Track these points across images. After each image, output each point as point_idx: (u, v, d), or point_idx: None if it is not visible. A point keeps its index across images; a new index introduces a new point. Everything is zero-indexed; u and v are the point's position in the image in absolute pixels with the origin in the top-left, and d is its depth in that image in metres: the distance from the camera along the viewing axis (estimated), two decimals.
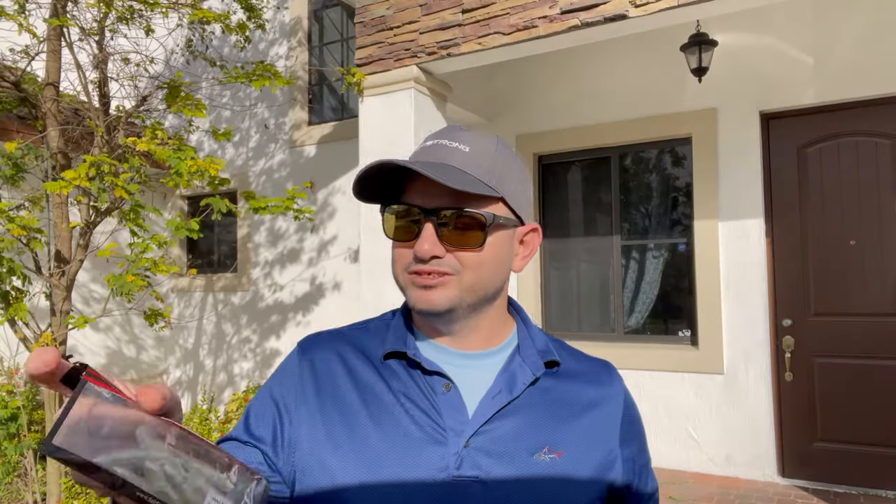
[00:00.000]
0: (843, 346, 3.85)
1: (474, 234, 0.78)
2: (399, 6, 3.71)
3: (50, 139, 3.69)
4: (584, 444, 0.82)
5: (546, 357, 0.85)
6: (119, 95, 4.51)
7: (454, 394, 0.80)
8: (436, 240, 0.77)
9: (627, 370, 4.40)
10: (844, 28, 3.83)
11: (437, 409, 0.79)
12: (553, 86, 4.78)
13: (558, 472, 0.79)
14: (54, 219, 3.70)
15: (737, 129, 4.13)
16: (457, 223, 0.78)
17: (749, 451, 4.03)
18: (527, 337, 0.88)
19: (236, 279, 6.12)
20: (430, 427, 0.78)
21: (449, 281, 0.78)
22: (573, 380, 0.87)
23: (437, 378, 0.81)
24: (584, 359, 0.92)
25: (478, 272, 0.79)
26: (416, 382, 0.81)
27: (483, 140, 0.82)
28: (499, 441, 0.78)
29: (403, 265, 0.81)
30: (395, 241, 0.82)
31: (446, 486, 0.75)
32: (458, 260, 0.78)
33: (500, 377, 0.82)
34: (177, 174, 3.36)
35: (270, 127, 5.95)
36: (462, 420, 0.78)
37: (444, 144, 0.80)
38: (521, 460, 0.78)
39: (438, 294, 0.78)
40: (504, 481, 0.76)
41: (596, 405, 0.86)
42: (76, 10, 4.00)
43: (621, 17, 3.04)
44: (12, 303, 3.29)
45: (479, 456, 0.76)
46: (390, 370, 0.82)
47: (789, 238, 4.03)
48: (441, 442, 0.77)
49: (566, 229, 4.87)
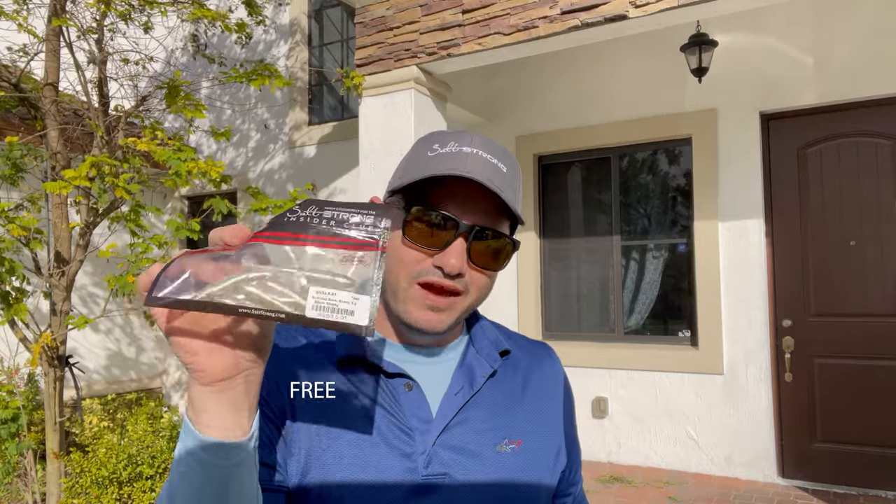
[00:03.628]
0: (843, 347, 3.85)
1: (503, 256, 0.78)
2: (399, 6, 3.71)
3: (49, 139, 3.69)
4: (539, 429, 0.84)
5: (499, 347, 0.86)
6: (118, 95, 4.51)
7: (416, 393, 0.78)
8: (465, 256, 0.75)
9: (627, 370, 4.40)
10: (844, 28, 3.83)
11: (402, 409, 0.77)
12: (553, 86, 4.78)
13: (520, 461, 0.80)
14: (54, 219, 3.69)
15: (737, 130, 4.13)
16: (489, 244, 0.77)
17: (749, 451, 4.03)
18: (479, 328, 0.88)
19: None
20: (395, 423, 0.76)
21: (456, 302, 0.77)
22: (521, 367, 0.88)
23: (398, 379, 0.79)
24: (526, 343, 0.93)
25: (481, 293, 0.79)
26: (377, 384, 0.78)
27: (510, 159, 0.80)
28: (464, 437, 0.78)
29: (413, 272, 0.76)
30: (410, 242, 0.76)
31: (417, 486, 0.74)
32: (471, 279, 0.77)
33: (458, 372, 0.82)
34: (176, 175, 3.35)
35: (270, 127, 5.95)
36: (426, 419, 0.77)
37: (485, 158, 0.76)
38: (486, 454, 0.78)
39: (444, 317, 0.76)
40: (473, 477, 0.76)
41: (543, 388, 0.89)
42: (75, 9, 4.00)
43: (621, 17, 3.04)
44: (12, 303, 3.29)
45: (447, 453, 0.76)
46: (349, 373, 0.79)
47: (789, 238, 4.03)
48: (407, 442, 0.76)
49: (566, 230, 4.87)
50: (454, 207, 0.75)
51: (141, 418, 3.97)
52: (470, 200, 0.75)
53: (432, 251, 0.75)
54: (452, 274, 0.74)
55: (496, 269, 0.79)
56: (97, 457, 3.44)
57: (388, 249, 0.79)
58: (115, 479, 3.36)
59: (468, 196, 0.75)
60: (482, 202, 0.75)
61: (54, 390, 3.54)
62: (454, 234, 0.75)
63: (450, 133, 0.81)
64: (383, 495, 0.73)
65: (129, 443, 3.59)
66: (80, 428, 4.44)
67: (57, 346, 3.54)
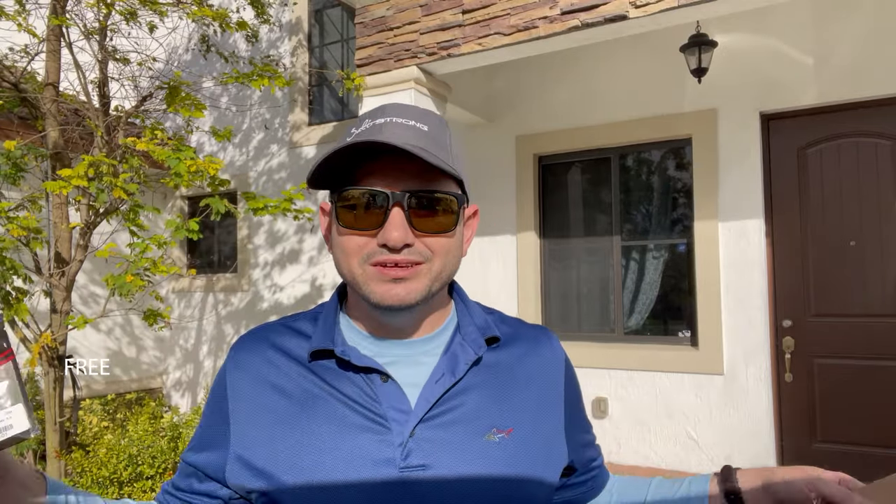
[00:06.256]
0: (844, 347, 3.85)
1: (447, 217, 0.73)
2: (399, 7, 3.71)
3: (49, 139, 3.69)
4: (533, 417, 0.79)
5: (487, 333, 0.81)
6: (119, 96, 4.51)
7: (392, 385, 0.75)
8: (406, 226, 0.71)
9: (627, 370, 4.40)
10: (844, 29, 3.83)
11: (376, 399, 0.74)
12: (553, 86, 4.78)
13: (510, 450, 0.75)
14: (54, 219, 3.70)
15: (737, 130, 4.12)
16: (428, 207, 0.72)
17: (749, 451, 4.03)
18: (466, 315, 0.84)
19: (236, 280, 6.11)
20: (369, 416, 0.74)
21: (420, 271, 0.73)
22: (514, 352, 0.84)
23: (373, 373, 0.76)
24: (523, 327, 0.89)
25: (446, 259, 0.75)
26: (349, 378, 0.76)
27: (433, 117, 0.77)
28: (445, 427, 0.74)
29: (361, 256, 0.73)
30: (347, 229, 0.74)
31: (394, 479, 0.70)
32: (428, 247, 0.73)
33: (441, 361, 0.78)
34: (176, 174, 3.35)
35: (271, 128, 5.95)
36: (404, 409, 0.74)
37: (401, 123, 0.73)
38: (470, 444, 0.74)
39: (411, 287, 0.72)
40: (455, 468, 0.72)
41: (539, 374, 0.84)
42: (76, 9, 4.00)
43: (621, 17, 3.04)
44: (12, 303, 3.29)
45: (426, 445, 0.72)
46: (320, 368, 0.77)
47: (789, 238, 4.03)
48: (381, 432, 0.73)
49: (566, 230, 4.87)
50: (378, 180, 0.72)
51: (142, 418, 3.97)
52: (394, 169, 0.72)
53: (373, 230, 0.72)
54: (398, 247, 0.71)
55: (446, 231, 0.74)
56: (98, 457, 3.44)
57: (331, 243, 0.79)
58: (115, 479, 3.36)
59: (392, 165, 0.72)
60: (408, 167, 0.71)
61: (54, 390, 3.54)
62: (387, 206, 0.71)
63: (368, 112, 0.79)
64: (361, 489, 0.70)
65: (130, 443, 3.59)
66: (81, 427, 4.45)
67: (57, 346, 3.55)
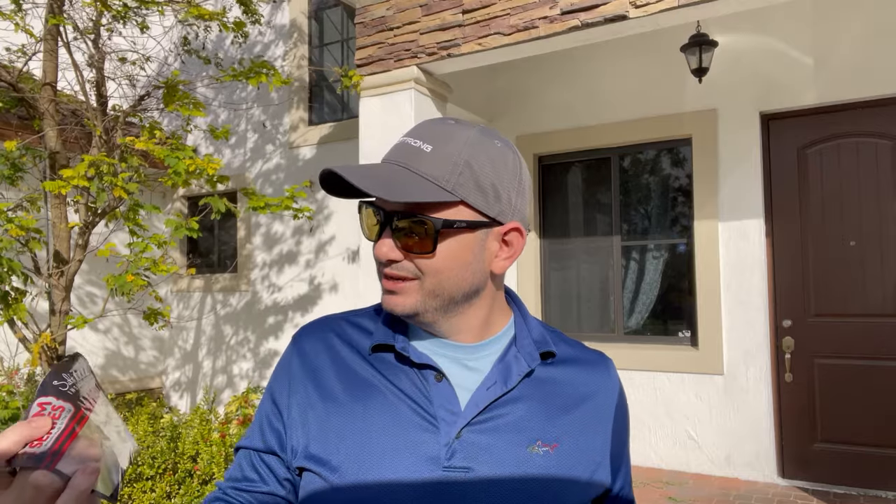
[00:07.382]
0: (843, 347, 3.85)
1: (425, 240, 0.75)
2: (399, 7, 3.70)
3: (48, 139, 3.68)
4: (579, 437, 0.81)
5: (542, 348, 0.83)
6: (116, 95, 4.50)
7: (445, 385, 0.78)
8: (392, 244, 0.76)
9: (627, 371, 4.40)
10: (844, 29, 3.83)
11: (428, 397, 0.77)
12: (553, 86, 4.77)
13: (552, 465, 0.77)
14: (53, 219, 3.69)
15: (737, 130, 4.12)
16: (409, 229, 0.75)
17: (749, 451, 4.03)
18: (523, 327, 0.86)
19: (235, 280, 6.10)
20: (420, 413, 0.76)
21: (409, 287, 0.76)
22: (569, 371, 0.85)
23: (428, 371, 0.79)
24: (582, 349, 0.91)
25: (437, 278, 0.76)
26: (406, 374, 0.79)
27: (455, 138, 0.76)
28: (491, 433, 0.76)
29: (376, 266, 0.81)
30: (367, 238, 0.81)
31: (437, 477, 0.73)
32: (417, 265, 0.76)
33: (494, 369, 0.81)
34: (175, 174, 3.35)
35: (268, 126, 5.94)
36: (454, 411, 0.77)
37: (409, 143, 0.77)
38: (514, 453, 0.76)
39: (399, 300, 0.77)
40: (496, 473, 0.74)
41: (591, 397, 0.85)
42: (72, 9, 3.99)
43: (621, 17, 3.04)
44: (11, 304, 3.28)
45: (471, 448, 0.75)
46: (380, 361, 0.82)
47: (789, 239, 4.03)
48: (430, 430, 0.75)
49: (566, 230, 4.86)
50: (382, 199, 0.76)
51: (142, 419, 3.97)
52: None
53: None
54: (382, 262, 0.77)
55: (426, 253, 0.75)
56: None
57: None
58: None
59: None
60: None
61: None
62: (381, 223, 0.77)
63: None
64: (404, 482, 0.73)
65: None
66: None
67: (56, 346, 3.54)
